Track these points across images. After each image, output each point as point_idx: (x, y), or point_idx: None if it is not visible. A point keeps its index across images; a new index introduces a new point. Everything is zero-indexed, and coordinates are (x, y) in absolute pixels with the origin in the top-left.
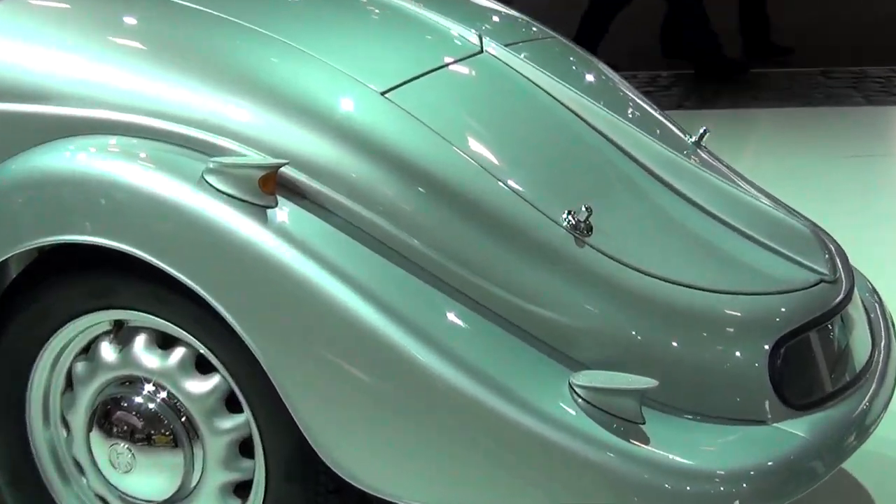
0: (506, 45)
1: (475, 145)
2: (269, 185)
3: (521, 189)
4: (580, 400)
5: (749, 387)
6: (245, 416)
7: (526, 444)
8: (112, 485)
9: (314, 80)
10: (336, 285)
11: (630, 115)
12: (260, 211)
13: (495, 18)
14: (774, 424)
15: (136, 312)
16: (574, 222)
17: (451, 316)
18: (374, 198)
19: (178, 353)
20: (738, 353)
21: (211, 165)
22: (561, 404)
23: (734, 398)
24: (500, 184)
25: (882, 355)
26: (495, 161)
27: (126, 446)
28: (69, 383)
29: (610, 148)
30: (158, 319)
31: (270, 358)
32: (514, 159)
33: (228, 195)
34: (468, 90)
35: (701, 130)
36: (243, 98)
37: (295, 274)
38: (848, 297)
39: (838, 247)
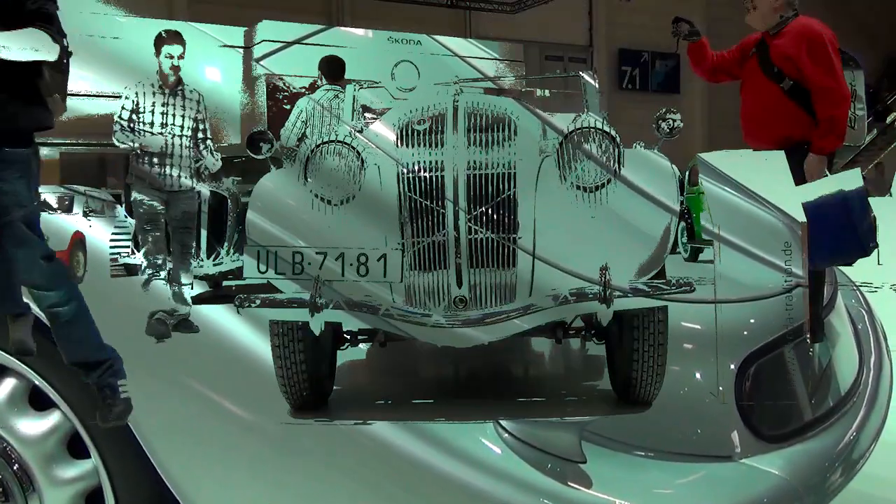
0: None
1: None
2: None
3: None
4: (506, 435)
5: (712, 415)
6: (92, 462)
7: (441, 491)
8: None
9: None
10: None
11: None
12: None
13: None
14: (743, 460)
15: None
16: None
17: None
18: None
19: (7, 385)
20: (697, 375)
21: None
22: (482, 440)
23: (694, 429)
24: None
25: (872, 374)
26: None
27: None
28: None
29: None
30: None
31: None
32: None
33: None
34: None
35: None
36: None
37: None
38: (830, 304)
39: None
